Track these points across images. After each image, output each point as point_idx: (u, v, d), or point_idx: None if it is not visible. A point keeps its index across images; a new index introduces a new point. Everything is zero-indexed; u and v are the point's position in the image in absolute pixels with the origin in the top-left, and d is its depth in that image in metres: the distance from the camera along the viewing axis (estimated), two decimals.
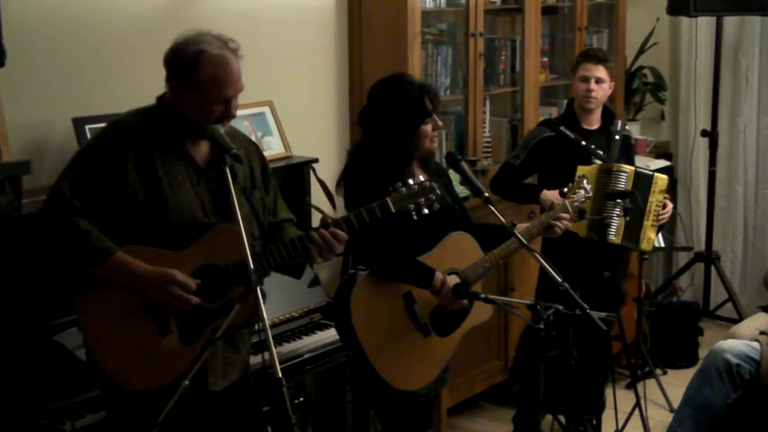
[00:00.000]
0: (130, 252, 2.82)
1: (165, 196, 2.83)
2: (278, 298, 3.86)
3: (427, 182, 2.99)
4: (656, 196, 4.41)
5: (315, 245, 2.93)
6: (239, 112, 4.09)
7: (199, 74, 2.80)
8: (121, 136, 2.85)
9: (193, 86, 2.82)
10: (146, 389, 2.84)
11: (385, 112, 3.43)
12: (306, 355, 3.85)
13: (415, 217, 2.96)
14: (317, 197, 4.35)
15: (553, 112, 5.35)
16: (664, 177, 4.48)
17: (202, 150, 2.92)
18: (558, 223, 3.65)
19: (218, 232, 2.88)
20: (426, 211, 2.97)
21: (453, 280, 3.38)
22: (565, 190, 3.81)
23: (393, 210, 2.95)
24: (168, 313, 2.85)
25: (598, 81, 4.47)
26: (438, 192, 3.00)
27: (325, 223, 2.99)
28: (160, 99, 2.93)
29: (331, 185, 4.34)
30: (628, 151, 4.65)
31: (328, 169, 4.48)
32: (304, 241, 2.93)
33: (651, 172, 4.47)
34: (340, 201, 3.60)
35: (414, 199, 2.96)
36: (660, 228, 4.52)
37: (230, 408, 3.06)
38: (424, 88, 3.43)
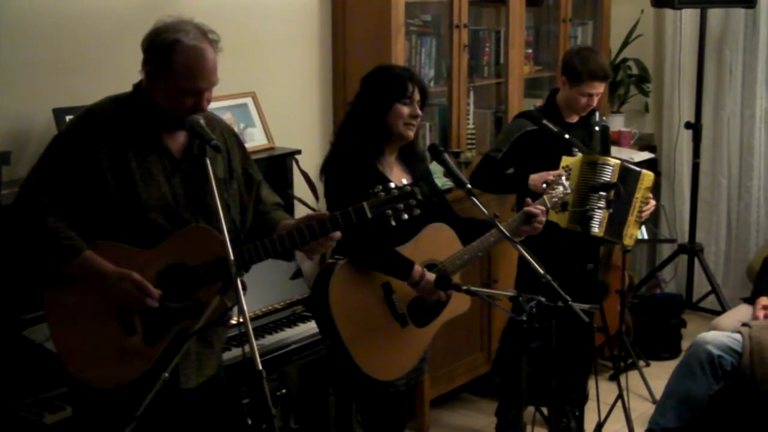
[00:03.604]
0: (100, 249, 2.77)
1: (137, 189, 2.78)
2: (261, 289, 3.84)
3: (408, 187, 2.90)
4: (642, 193, 4.42)
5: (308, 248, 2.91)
6: (222, 103, 4.14)
7: (172, 63, 2.75)
8: (94, 126, 2.80)
9: (165, 74, 2.77)
10: (106, 388, 2.81)
11: (366, 90, 3.46)
12: (289, 347, 3.84)
13: (393, 223, 2.88)
14: (300, 189, 4.34)
15: (538, 103, 5.34)
16: (651, 174, 4.48)
17: (178, 140, 2.87)
18: (536, 212, 3.58)
19: (190, 232, 2.83)
20: (405, 216, 2.88)
21: (432, 275, 3.37)
22: (551, 178, 3.81)
23: (369, 215, 2.87)
24: (130, 311, 2.80)
25: (598, 94, 4.46)
26: (419, 197, 2.92)
27: (317, 219, 2.92)
28: (137, 86, 2.88)
29: (315, 176, 4.32)
30: (606, 142, 4.66)
31: (311, 160, 4.46)
32: (294, 237, 2.88)
33: (638, 169, 4.47)
34: (323, 192, 3.59)
35: (392, 205, 2.87)
36: (642, 224, 4.52)
37: (204, 404, 3.01)
38: (409, 72, 3.47)
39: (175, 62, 2.75)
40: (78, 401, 2.96)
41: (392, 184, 2.90)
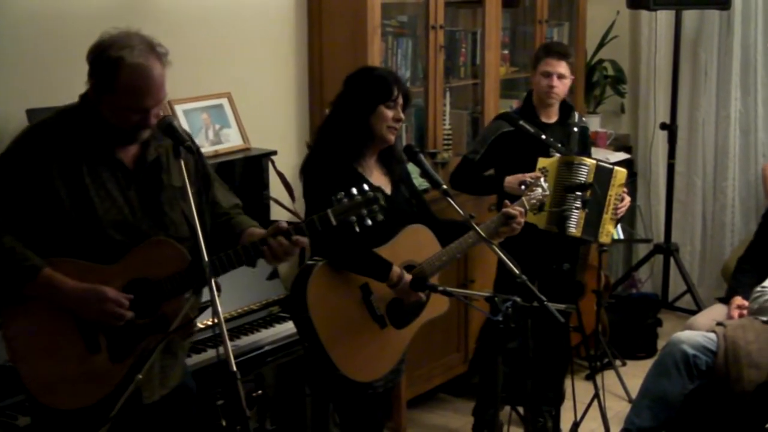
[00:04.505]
0: (59, 266, 2.70)
1: (93, 205, 2.71)
2: (236, 290, 3.83)
3: (371, 192, 2.90)
4: (615, 190, 4.44)
5: (270, 250, 2.84)
6: (197, 104, 4.14)
7: (116, 81, 2.66)
8: (44, 142, 2.72)
9: (110, 91, 2.69)
10: (71, 409, 2.74)
11: (349, 90, 3.45)
12: (264, 348, 3.84)
13: (357, 229, 2.87)
14: (276, 190, 4.33)
15: (514, 104, 5.36)
16: (623, 170, 4.51)
17: (130, 151, 2.81)
18: (515, 214, 3.59)
19: (151, 245, 2.78)
20: (369, 222, 2.87)
21: (410, 276, 3.37)
22: (528, 180, 3.82)
23: (334, 223, 2.86)
24: (99, 329, 2.74)
25: (560, 77, 4.48)
26: (382, 203, 2.91)
27: (280, 230, 2.87)
28: (84, 97, 2.79)
29: (290, 177, 4.32)
30: (585, 142, 4.68)
31: (287, 161, 4.46)
32: (258, 247, 2.84)
33: (611, 166, 4.50)
34: (299, 193, 3.58)
35: (356, 211, 2.86)
36: (618, 221, 4.55)
37: (171, 415, 2.96)
38: (394, 76, 3.47)
39: (120, 81, 2.66)
40: (37, 412, 2.88)
41: (354, 191, 2.89)
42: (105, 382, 2.73)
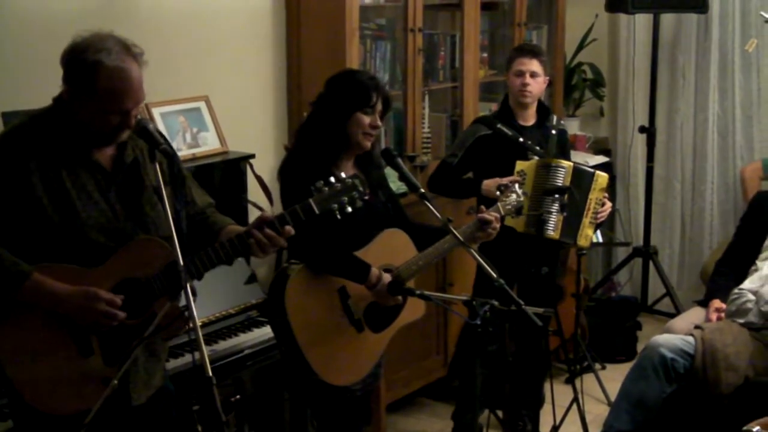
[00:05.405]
0: (46, 271, 2.67)
1: (76, 209, 2.69)
2: (215, 294, 3.82)
3: (349, 179, 2.90)
4: (596, 194, 4.44)
5: (258, 243, 2.83)
6: (175, 107, 4.12)
7: (95, 85, 2.64)
8: (20, 149, 2.68)
9: (88, 95, 2.66)
10: (70, 414, 2.69)
11: (329, 93, 3.44)
12: (243, 352, 3.82)
13: (338, 216, 2.88)
14: (254, 193, 4.31)
15: (493, 107, 5.35)
16: (605, 175, 4.51)
17: (107, 153, 2.79)
18: (490, 219, 3.58)
19: (136, 245, 2.77)
20: (350, 209, 2.88)
21: (388, 277, 3.37)
22: (504, 184, 3.82)
23: (317, 211, 2.85)
24: (92, 332, 2.72)
25: (533, 75, 4.49)
26: (361, 189, 2.91)
27: (265, 221, 2.89)
28: (58, 100, 2.76)
29: (269, 181, 4.31)
30: (564, 146, 4.68)
31: (266, 164, 4.44)
32: (244, 240, 2.83)
33: (592, 170, 4.50)
34: (277, 196, 3.56)
35: (337, 198, 2.87)
36: (598, 226, 4.56)
37: (153, 417, 2.95)
38: (375, 81, 3.44)
39: (99, 84, 2.64)
40: (19, 415, 2.86)
41: (332, 178, 2.89)
42: (101, 386, 2.69)
